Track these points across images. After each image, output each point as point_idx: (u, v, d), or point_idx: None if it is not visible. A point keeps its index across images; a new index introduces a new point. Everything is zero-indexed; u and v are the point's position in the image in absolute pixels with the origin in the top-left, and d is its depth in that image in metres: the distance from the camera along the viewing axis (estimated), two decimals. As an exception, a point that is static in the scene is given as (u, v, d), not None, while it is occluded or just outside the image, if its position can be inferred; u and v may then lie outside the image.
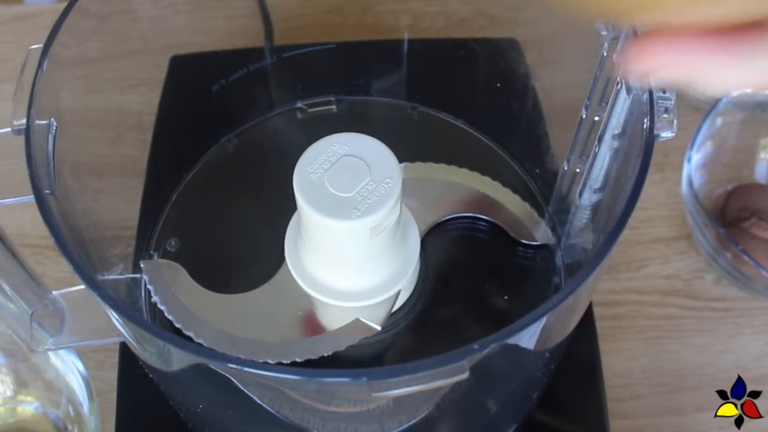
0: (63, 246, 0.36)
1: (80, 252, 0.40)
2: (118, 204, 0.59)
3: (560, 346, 0.46)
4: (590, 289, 0.44)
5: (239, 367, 0.32)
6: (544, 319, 0.33)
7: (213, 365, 0.34)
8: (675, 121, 0.38)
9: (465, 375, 0.31)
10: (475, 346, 0.31)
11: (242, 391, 0.39)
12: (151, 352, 0.41)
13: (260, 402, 0.42)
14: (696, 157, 0.65)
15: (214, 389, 0.42)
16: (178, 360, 0.39)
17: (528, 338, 0.38)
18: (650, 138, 0.37)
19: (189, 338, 0.52)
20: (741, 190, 0.67)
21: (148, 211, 0.59)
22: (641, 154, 0.37)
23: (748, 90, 0.66)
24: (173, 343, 0.34)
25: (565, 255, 0.58)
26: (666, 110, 0.38)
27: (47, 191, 0.38)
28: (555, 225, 0.58)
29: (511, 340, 0.34)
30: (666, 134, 0.37)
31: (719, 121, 0.67)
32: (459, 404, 0.45)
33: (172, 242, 0.58)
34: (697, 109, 0.70)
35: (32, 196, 0.37)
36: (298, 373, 0.32)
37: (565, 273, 0.58)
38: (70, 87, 0.47)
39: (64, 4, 0.44)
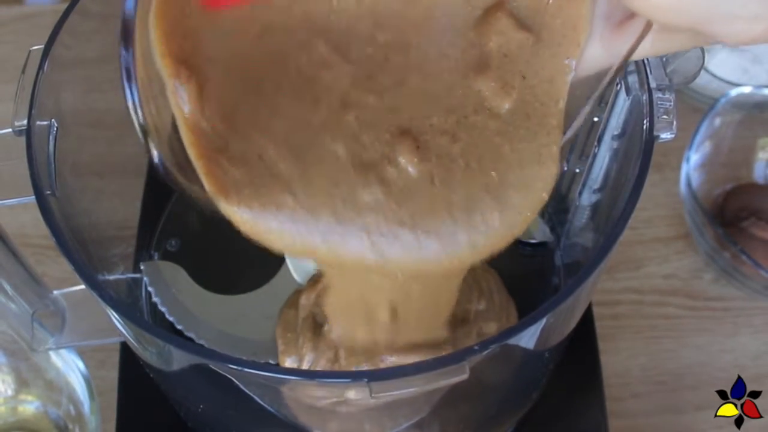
0: (64, 246, 0.36)
1: (81, 252, 0.40)
2: (118, 204, 0.59)
3: (560, 345, 0.46)
4: (590, 290, 0.44)
5: (240, 368, 0.32)
6: (544, 320, 0.33)
7: (214, 366, 0.34)
8: (674, 123, 0.38)
9: (465, 376, 0.31)
10: (476, 347, 0.31)
11: (242, 390, 0.39)
12: (152, 351, 0.41)
13: (260, 401, 0.42)
14: (694, 157, 0.65)
15: (215, 389, 0.42)
16: (179, 360, 0.39)
17: (528, 339, 0.38)
18: (650, 139, 0.37)
19: (190, 339, 0.52)
20: (739, 189, 0.67)
21: (148, 211, 0.59)
22: (641, 155, 0.37)
23: (747, 90, 0.66)
24: (174, 344, 0.34)
25: (564, 255, 0.58)
26: (666, 111, 0.38)
27: (48, 192, 0.38)
28: (554, 225, 0.58)
29: (511, 341, 0.34)
30: (666, 135, 0.37)
31: (718, 121, 0.67)
32: (458, 404, 0.45)
33: (172, 242, 0.58)
34: (695, 109, 0.70)
35: (33, 197, 0.37)
36: (298, 374, 0.32)
37: (565, 273, 0.58)
38: (72, 87, 0.47)
39: (64, 5, 0.43)
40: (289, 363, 0.48)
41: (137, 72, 0.29)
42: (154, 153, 0.31)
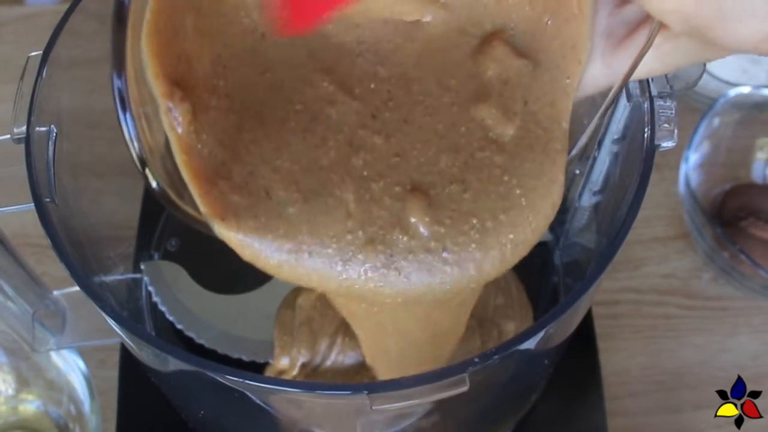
0: (63, 254, 0.36)
1: (80, 258, 0.40)
2: (118, 204, 0.59)
3: (559, 347, 0.46)
4: (590, 297, 0.44)
5: (240, 380, 0.32)
6: (543, 332, 0.33)
7: (211, 374, 0.34)
8: (676, 131, 0.38)
9: (465, 388, 0.31)
10: (476, 359, 0.31)
11: (241, 392, 0.40)
12: (149, 353, 0.41)
13: (259, 402, 0.42)
14: (693, 157, 0.65)
15: (213, 391, 0.43)
16: (175, 362, 0.39)
17: (528, 345, 0.38)
18: (651, 148, 0.37)
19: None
20: (738, 189, 0.67)
21: (148, 211, 0.59)
22: (641, 164, 0.37)
23: (746, 90, 0.66)
24: (168, 352, 0.34)
25: (563, 254, 0.58)
26: (667, 120, 0.38)
27: (47, 199, 0.38)
28: (553, 225, 0.58)
29: (513, 350, 0.34)
30: (667, 144, 0.37)
31: (716, 121, 0.67)
32: (457, 405, 0.45)
33: (173, 242, 0.58)
34: (694, 109, 0.70)
35: (32, 204, 0.37)
36: (299, 386, 0.32)
37: (563, 272, 0.58)
38: (72, 88, 0.46)
39: (65, 6, 0.43)
40: (282, 364, 0.48)
41: (130, 91, 0.29)
42: (153, 183, 0.31)
